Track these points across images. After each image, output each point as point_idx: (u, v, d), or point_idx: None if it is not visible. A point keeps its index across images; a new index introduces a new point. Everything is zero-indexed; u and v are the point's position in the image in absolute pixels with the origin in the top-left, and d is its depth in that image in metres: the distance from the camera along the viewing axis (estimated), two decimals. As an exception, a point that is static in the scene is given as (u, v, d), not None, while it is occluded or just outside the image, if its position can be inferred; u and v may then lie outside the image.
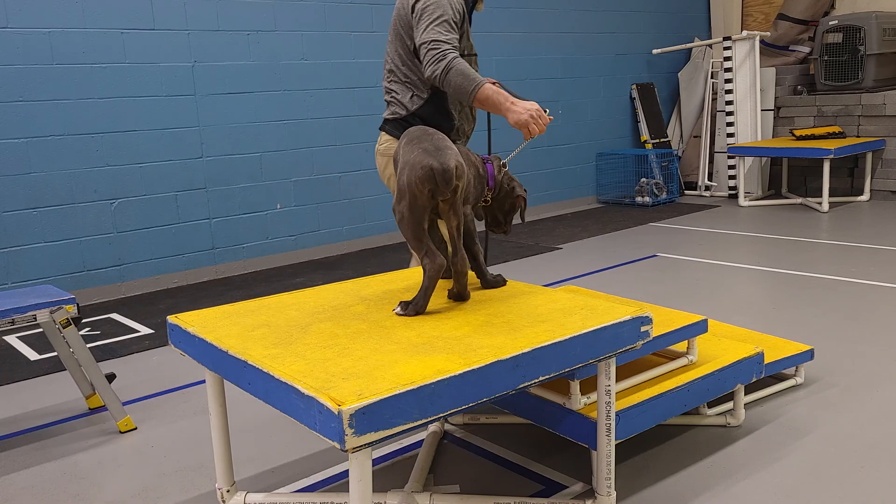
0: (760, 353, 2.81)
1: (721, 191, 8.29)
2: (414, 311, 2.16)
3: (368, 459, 1.64)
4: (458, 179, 2.12)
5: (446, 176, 2.08)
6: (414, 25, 2.74)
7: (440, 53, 2.63)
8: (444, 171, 2.08)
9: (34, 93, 4.92)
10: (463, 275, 2.26)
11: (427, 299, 2.18)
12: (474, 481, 2.54)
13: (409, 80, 2.86)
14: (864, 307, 4.15)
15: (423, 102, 2.85)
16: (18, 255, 4.97)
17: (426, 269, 2.13)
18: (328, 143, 6.31)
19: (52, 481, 2.72)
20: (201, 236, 5.73)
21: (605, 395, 2.13)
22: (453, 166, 2.10)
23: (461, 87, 2.63)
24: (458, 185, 2.12)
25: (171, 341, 2.28)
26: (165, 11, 5.39)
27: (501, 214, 2.56)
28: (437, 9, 2.68)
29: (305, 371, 1.75)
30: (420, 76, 2.83)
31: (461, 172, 2.14)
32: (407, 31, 2.80)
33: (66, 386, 3.67)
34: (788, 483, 2.42)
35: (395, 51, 2.86)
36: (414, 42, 2.78)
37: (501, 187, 2.51)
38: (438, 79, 2.65)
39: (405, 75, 2.86)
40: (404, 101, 2.86)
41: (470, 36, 2.93)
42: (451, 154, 2.13)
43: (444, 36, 2.66)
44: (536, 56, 7.70)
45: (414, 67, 2.83)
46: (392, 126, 2.92)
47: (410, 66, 2.84)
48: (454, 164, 2.11)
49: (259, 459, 2.81)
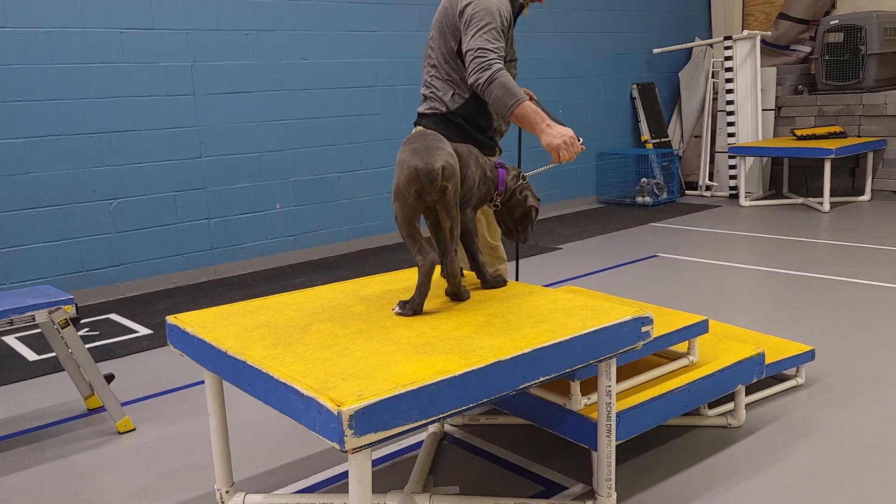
0: (761, 354, 2.80)
1: (722, 191, 8.28)
2: (411, 311, 2.16)
3: (368, 460, 1.63)
4: (445, 181, 2.11)
5: (430, 176, 2.08)
6: (462, 30, 2.77)
7: (486, 63, 2.66)
8: (429, 172, 2.08)
9: (33, 93, 4.91)
10: (454, 275, 2.25)
11: (423, 297, 2.17)
12: (474, 482, 2.53)
13: (450, 79, 2.87)
14: (866, 307, 4.14)
15: (464, 102, 2.87)
16: (17, 256, 4.96)
17: (419, 266, 2.14)
18: (328, 143, 6.30)
19: (51, 482, 2.71)
20: (200, 236, 5.72)
21: (605, 395, 2.12)
22: (438, 167, 2.09)
23: (501, 101, 2.66)
24: (445, 186, 2.12)
25: (170, 342, 2.28)
26: (164, 11, 5.38)
27: (512, 222, 2.57)
28: (487, 16, 2.71)
29: (305, 371, 1.74)
30: (462, 76, 2.85)
31: (449, 174, 2.12)
32: (452, 31, 2.82)
33: (65, 386, 3.66)
34: (789, 484, 2.41)
35: (439, 47, 2.89)
36: (458, 43, 2.81)
37: (513, 195, 2.52)
38: (481, 88, 2.68)
39: (447, 73, 2.88)
40: (445, 98, 2.88)
41: (513, 42, 2.97)
42: (439, 155, 2.12)
43: (492, 45, 2.69)
44: (536, 56, 7.70)
45: (457, 67, 2.85)
46: (429, 121, 2.95)
47: (453, 64, 2.86)
48: (440, 165, 2.10)
49: (258, 460, 2.80)
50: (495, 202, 2.51)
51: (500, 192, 2.49)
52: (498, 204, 2.52)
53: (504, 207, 2.54)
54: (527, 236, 2.60)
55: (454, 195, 2.17)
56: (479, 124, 2.92)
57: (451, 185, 2.14)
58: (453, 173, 2.14)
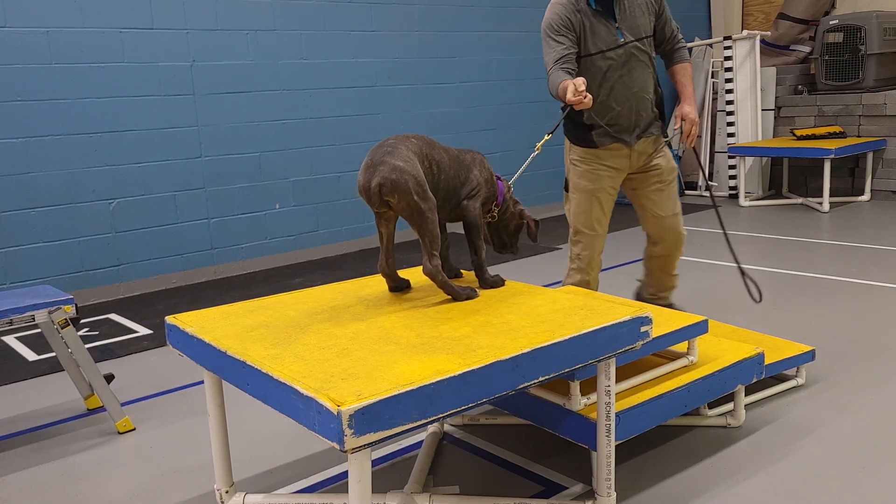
0: (761, 354, 2.80)
1: (721, 191, 8.28)
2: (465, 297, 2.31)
3: (368, 460, 1.63)
4: (387, 196, 2.14)
5: (368, 193, 2.17)
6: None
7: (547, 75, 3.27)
8: (366, 190, 2.17)
9: (32, 92, 4.91)
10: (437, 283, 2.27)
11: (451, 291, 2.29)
12: (474, 482, 2.53)
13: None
14: (866, 307, 4.14)
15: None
16: (16, 256, 4.95)
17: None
18: (327, 142, 6.30)
19: (51, 482, 2.71)
20: (200, 236, 5.72)
21: (604, 395, 2.12)
22: (375, 184, 2.14)
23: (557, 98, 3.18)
24: (388, 200, 2.16)
25: (170, 342, 2.28)
26: (164, 11, 5.38)
27: (507, 235, 2.62)
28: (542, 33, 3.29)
29: (304, 371, 1.74)
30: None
31: (389, 189, 2.14)
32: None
33: (65, 386, 3.66)
34: (789, 484, 2.41)
35: None
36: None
37: (507, 208, 2.57)
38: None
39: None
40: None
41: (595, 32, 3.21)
42: (380, 171, 2.14)
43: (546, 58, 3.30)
44: (536, 56, 7.68)
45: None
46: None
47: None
48: (376, 183, 2.14)
49: (258, 460, 2.80)
50: (492, 213, 2.54)
51: (497, 204, 2.53)
52: (495, 215, 2.55)
53: (499, 220, 2.58)
54: (516, 249, 2.68)
55: (409, 207, 2.18)
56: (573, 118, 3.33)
57: (394, 200, 2.16)
58: (395, 188, 2.14)
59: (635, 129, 3.34)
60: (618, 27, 3.20)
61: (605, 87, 3.26)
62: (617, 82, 3.26)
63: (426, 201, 2.19)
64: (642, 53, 3.29)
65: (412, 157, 2.22)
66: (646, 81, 3.33)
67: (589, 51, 3.21)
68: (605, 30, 3.19)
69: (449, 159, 2.38)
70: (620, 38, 3.20)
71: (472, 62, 7.18)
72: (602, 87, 3.25)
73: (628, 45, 3.23)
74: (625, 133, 3.32)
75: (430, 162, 2.30)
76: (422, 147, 2.30)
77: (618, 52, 3.21)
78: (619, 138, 3.33)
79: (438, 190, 2.33)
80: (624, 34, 3.21)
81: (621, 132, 3.32)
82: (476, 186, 2.43)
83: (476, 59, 7.21)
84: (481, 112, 7.33)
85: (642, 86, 3.31)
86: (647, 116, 3.38)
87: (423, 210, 2.18)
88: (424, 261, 2.23)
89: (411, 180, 2.16)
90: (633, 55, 3.25)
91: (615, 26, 3.20)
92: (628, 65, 3.25)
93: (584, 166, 3.42)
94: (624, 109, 3.29)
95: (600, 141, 3.34)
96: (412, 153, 2.24)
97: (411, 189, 2.15)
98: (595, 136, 3.33)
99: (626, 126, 3.32)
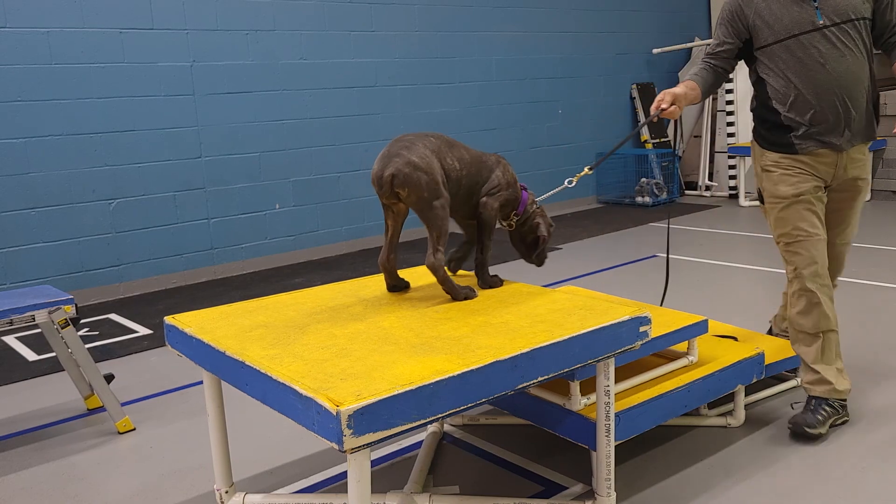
0: (761, 354, 2.80)
1: (721, 191, 8.28)
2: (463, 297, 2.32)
3: (367, 460, 1.63)
4: (397, 188, 2.18)
5: (379, 182, 2.21)
6: None
7: None
8: (378, 178, 2.20)
9: (33, 93, 4.91)
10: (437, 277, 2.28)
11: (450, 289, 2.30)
12: (474, 482, 2.53)
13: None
14: (866, 307, 4.14)
15: (752, 98, 2.94)
16: (17, 256, 4.96)
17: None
18: (327, 143, 6.30)
19: (51, 482, 2.71)
20: (200, 236, 5.72)
21: (604, 395, 2.12)
22: (388, 174, 2.17)
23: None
24: (398, 192, 2.18)
25: (169, 342, 2.28)
26: (164, 11, 5.38)
27: (523, 246, 2.63)
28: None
29: (303, 371, 1.74)
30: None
31: (401, 182, 2.17)
32: None
33: (65, 386, 3.66)
34: (789, 484, 2.41)
35: None
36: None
37: (527, 219, 2.58)
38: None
39: None
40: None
41: (757, 22, 2.77)
42: (395, 162, 2.18)
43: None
44: (536, 56, 7.69)
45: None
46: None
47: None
48: (389, 174, 2.17)
49: (257, 460, 2.80)
50: (510, 221, 2.56)
51: (518, 213, 2.55)
52: (512, 224, 2.57)
53: (517, 231, 2.59)
54: (541, 261, 2.65)
55: (419, 202, 2.21)
56: (762, 117, 2.84)
57: (404, 193, 2.19)
58: (407, 182, 2.17)
59: (845, 131, 2.72)
60: (817, 7, 2.67)
61: (818, 74, 2.69)
62: (819, 71, 2.68)
63: (438, 197, 2.22)
64: (850, 39, 2.68)
65: (429, 155, 2.24)
66: (862, 73, 2.72)
67: (777, 37, 2.71)
68: (800, 11, 2.69)
69: (471, 158, 2.41)
70: (820, 20, 2.67)
71: (472, 62, 7.19)
72: (799, 78, 2.71)
73: (831, 28, 2.67)
74: (832, 135, 2.71)
75: (451, 160, 2.33)
76: (440, 146, 2.32)
77: (813, 35, 2.67)
78: (826, 142, 2.72)
79: (460, 187, 2.37)
80: (826, 15, 2.67)
81: (827, 134, 2.72)
82: (497, 186, 2.45)
83: (476, 59, 7.21)
84: (481, 112, 7.33)
85: (856, 78, 2.70)
86: (862, 118, 2.74)
87: (433, 206, 2.21)
88: (429, 254, 2.25)
89: (423, 177, 2.19)
90: (840, 40, 2.68)
91: (814, 6, 2.67)
92: (833, 52, 2.67)
93: (780, 171, 2.81)
94: (830, 106, 2.70)
95: (802, 145, 2.74)
96: (429, 150, 2.26)
97: (423, 186, 2.19)
98: (795, 139, 2.75)
99: (834, 126, 2.71)
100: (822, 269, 2.75)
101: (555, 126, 7.95)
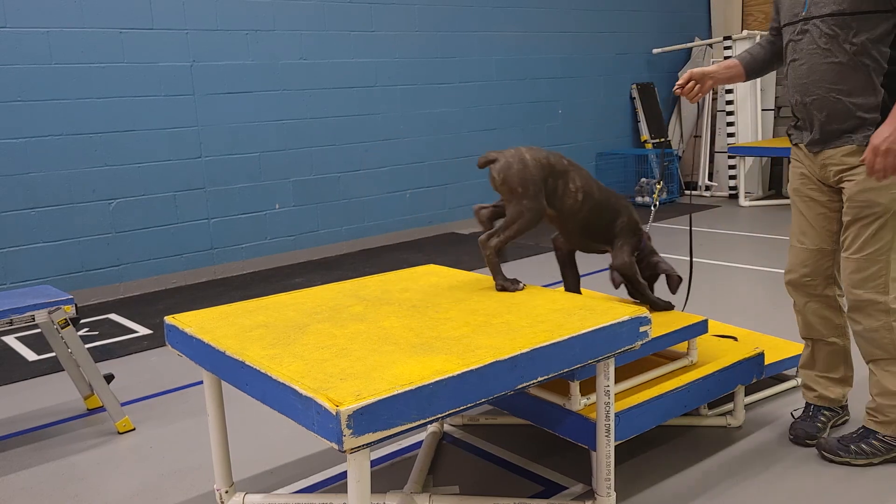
0: (761, 354, 2.80)
1: (721, 191, 8.28)
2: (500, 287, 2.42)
3: (367, 460, 1.63)
4: (496, 173, 2.40)
5: (480, 160, 2.46)
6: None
7: None
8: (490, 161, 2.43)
9: (32, 93, 4.91)
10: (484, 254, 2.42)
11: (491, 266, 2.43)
12: (474, 482, 2.53)
13: None
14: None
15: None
16: (17, 256, 4.96)
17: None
18: (327, 143, 6.30)
19: (50, 482, 2.71)
20: (200, 236, 5.72)
21: (604, 395, 2.12)
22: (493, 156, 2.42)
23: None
24: (493, 176, 2.41)
25: (169, 342, 2.28)
26: (164, 11, 5.38)
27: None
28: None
29: (303, 371, 1.74)
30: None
31: (498, 169, 2.39)
32: None
33: (65, 386, 3.66)
34: (788, 484, 2.41)
35: None
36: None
37: (643, 257, 2.72)
38: None
39: None
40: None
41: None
42: (507, 154, 2.42)
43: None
44: (536, 56, 7.69)
45: None
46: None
47: None
48: (494, 156, 2.42)
49: (257, 460, 2.80)
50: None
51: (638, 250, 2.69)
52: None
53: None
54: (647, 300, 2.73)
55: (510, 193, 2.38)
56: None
57: (498, 179, 2.39)
58: (506, 169, 2.38)
59: (813, 132, 2.51)
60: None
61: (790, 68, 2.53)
62: (791, 66, 2.51)
63: (529, 199, 2.38)
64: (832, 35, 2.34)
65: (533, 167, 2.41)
66: (831, 73, 2.38)
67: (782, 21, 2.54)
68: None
69: (599, 194, 2.57)
70: (804, 11, 2.40)
71: (472, 62, 7.18)
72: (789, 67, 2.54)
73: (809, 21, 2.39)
74: (802, 132, 2.59)
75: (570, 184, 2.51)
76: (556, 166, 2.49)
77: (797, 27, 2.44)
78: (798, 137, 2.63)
79: (577, 220, 2.56)
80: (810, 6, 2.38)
81: (799, 129, 2.61)
82: (619, 231, 2.63)
83: (476, 59, 7.21)
84: (481, 112, 7.33)
85: (822, 78, 2.40)
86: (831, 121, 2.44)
87: (520, 200, 2.38)
88: (487, 234, 2.41)
89: (517, 176, 2.38)
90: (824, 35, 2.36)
91: None
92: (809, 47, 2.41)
93: (792, 162, 2.72)
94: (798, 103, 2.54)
95: (792, 136, 2.67)
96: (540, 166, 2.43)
97: (516, 182, 2.38)
98: (790, 127, 2.68)
99: (802, 124, 2.57)
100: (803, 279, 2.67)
101: (555, 126, 7.95)
